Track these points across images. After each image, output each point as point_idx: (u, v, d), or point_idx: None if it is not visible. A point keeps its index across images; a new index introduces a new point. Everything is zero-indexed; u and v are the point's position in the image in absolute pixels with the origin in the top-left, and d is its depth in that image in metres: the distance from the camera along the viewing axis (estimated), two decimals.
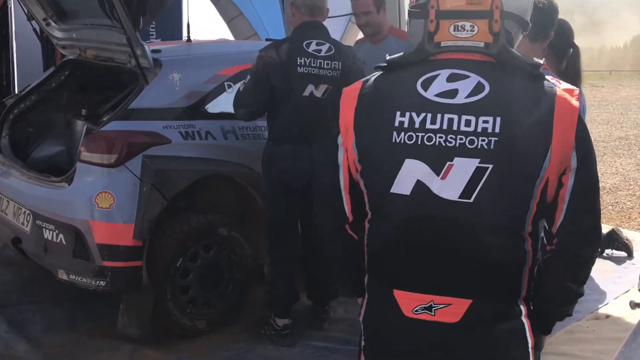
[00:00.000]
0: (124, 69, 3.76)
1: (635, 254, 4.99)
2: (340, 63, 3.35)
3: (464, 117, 1.37)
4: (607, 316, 3.97)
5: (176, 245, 3.39)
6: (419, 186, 1.39)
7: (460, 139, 1.36)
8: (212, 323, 3.60)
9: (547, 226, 1.45)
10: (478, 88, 1.39)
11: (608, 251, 5.01)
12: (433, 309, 1.41)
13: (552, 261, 1.45)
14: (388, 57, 1.49)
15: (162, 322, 3.45)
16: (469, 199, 1.36)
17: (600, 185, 5.48)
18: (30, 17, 4.08)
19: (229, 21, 7.89)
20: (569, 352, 3.50)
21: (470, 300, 1.40)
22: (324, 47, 3.34)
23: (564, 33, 3.12)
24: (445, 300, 1.40)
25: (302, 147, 3.33)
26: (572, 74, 3.05)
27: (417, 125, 1.39)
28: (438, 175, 1.38)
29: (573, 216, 1.41)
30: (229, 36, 7.80)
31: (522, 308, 1.44)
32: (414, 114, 1.40)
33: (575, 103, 1.38)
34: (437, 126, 1.38)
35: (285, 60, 3.26)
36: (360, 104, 1.48)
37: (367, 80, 1.51)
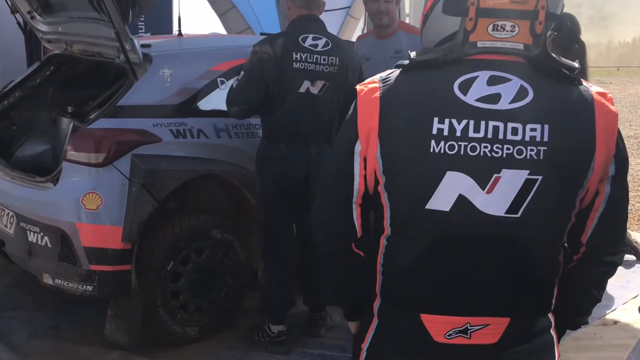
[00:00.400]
0: (112, 64, 3.76)
1: None
2: (337, 58, 3.35)
3: (510, 125, 1.31)
4: (615, 322, 3.98)
5: (167, 248, 3.38)
6: (461, 201, 1.32)
7: (508, 148, 1.31)
8: (204, 330, 3.60)
9: (574, 235, 1.44)
10: (522, 92, 1.34)
11: None
12: (469, 331, 1.37)
13: (579, 270, 1.46)
14: (412, 55, 1.41)
15: (151, 328, 3.45)
16: (516, 214, 1.32)
17: None
18: (14, 10, 4.07)
19: (222, 15, 7.91)
20: (575, 359, 3.51)
21: (509, 319, 1.37)
22: (321, 42, 3.34)
23: (570, 29, 3.14)
24: (483, 321, 1.37)
25: (297, 146, 3.33)
26: (578, 72, 3.06)
27: (458, 134, 1.32)
28: (483, 189, 1.32)
29: (606, 225, 1.41)
30: (221, 30, 7.81)
31: (552, 320, 1.45)
32: (454, 121, 1.32)
33: (613, 108, 1.37)
34: (481, 135, 1.31)
35: (281, 56, 3.25)
36: (385, 108, 1.37)
37: (385, 79, 1.41)
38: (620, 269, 4.74)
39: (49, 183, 3.37)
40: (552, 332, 1.46)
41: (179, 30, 4.17)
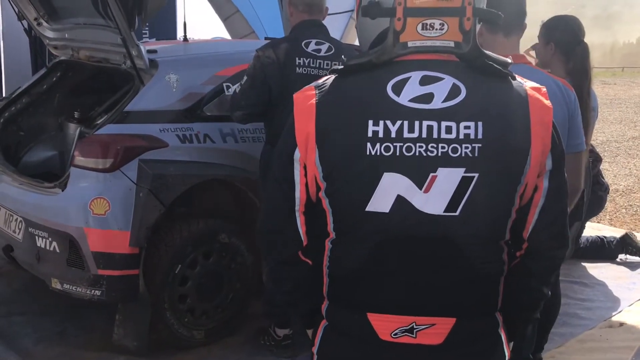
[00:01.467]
0: (118, 70, 3.80)
1: None
2: (340, 64, 3.38)
3: (443, 124, 1.32)
4: (621, 324, 4.00)
5: (175, 251, 3.42)
6: (400, 202, 1.33)
7: (443, 147, 1.31)
8: (211, 334, 3.63)
9: (516, 231, 1.43)
10: (454, 91, 1.34)
11: (622, 256, 5.05)
12: (415, 330, 1.38)
13: (523, 266, 1.46)
14: (345, 59, 1.43)
15: (159, 332, 3.49)
16: (455, 212, 1.32)
17: (614, 187, 5.59)
18: (20, 16, 4.11)
19: (225, 19, 7.95)
20: None
21: (455, 319, 1.38)
22: (324, 47, 3.36)
23: (572, 30, 3.16)
24: (429, 320, 1.37)
25: None
26: (580, 73, 3.08)
27: (393, 135, 1.32)
28: (421, 189, 1.32)
29: (546, 219, 1.40)
30: (225, 34, 7.85)
31: (499, 319, 1.45)
32: (388, 122, 1.33)
33: (547, 102, 1.37)
34: (415, 135, 1.32)
35: (284, 61, 3.27)
36: (321, 113, 1.37)
37: (321, 86, 1.42)
38: (625, 270, 4.79)
39: (57, 189, 3.41)
40: (500, 331, 1.45)
41: (185, 36, 4.21)
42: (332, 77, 1.43)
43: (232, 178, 3.66)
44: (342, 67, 1.41)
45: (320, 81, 1.44)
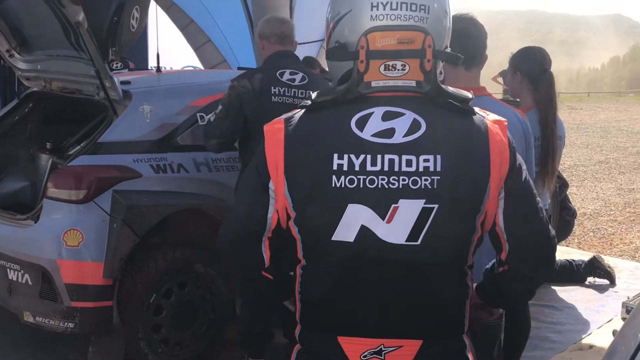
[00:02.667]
0: (91, 101, 3.83)
1: (617, 281, 5.15)
2: (308, 99, 3.45)
3: (404, 157, 1.39)
4: (591, 346, 4.08)
5: (150, 280, 3.43)
6: (364, 232, 1.39)
7: (403, 179, 1.38)
8: None
9: (496, 253, 1.52)
10: (415, 126, 1.41)
11: (590, 279, 5.17)
12: (383, 352, 1.43)
13: (505, 283, 1.54)
14: (313, 95, 1.50)
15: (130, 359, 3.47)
16: (416, 241, 1.39)
17: (581, 211, 5.73)
18: None
19: (197, 48, 8.04)
20: None
21: (421, 341, 1.43)
22: (298, 77, 3.44)
23: (538, 61, 3.30)
24: (396, 342, 1.43)
25: None
26: (546, 101, 3.21)
27: (357, 168, 1.39)
28: (383, 219, 1.39)
29: (517, 243, 1.47)
30: (197, 64, 7.92)
31: (466, 341, 1.50)
32: (352, 156, 1.40)
33: (507, 135, 1.45)
34: (378, 168, 1.39)
35: (259, 90, 3.34)
36: (288, 146, 1.44)
37: (290, 119, 1.49)
38: (594, 293, 4.89)
39: (29, 220, 3.41)
40: (468, 353, 1.50)
41: (158, 66, 4.25)
42: (301, 111, 1.50)
43: (206, 207, 3.69)
44: (310, 102, 1.48)
45: (290, 114, 1.51)
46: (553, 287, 5.03)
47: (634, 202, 8.74)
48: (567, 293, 4.95)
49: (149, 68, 6.13)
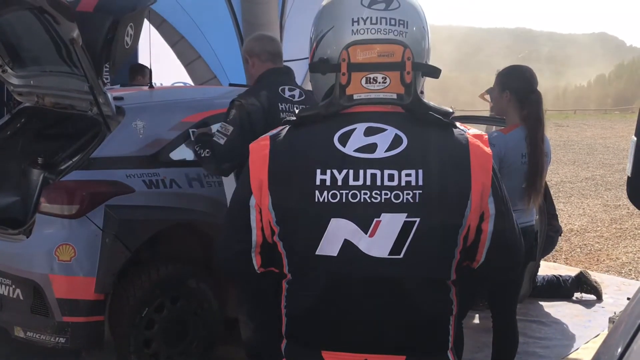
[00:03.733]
0: (84, 116, 3.86)
1: (604, 296, 5.21)
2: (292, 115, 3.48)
3: (386, 172, 1.42)
4: None
5: (143, 293, 3.45)
6: (347, 246, 1.41)
7: (386, 194, 1.41)
8: None
9: (469, 261, 1.54)
10: (396, 141, 1.44)
11: (577, 295, 5.23)
12: None
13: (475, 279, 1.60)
14: (297, 111, 1.53)
15: None
16: (399, 254, 1.41)
17: (568, 227, 5.80)
18: None
19: (187, 64, 8.08)
20: None
21: (404, 357, 1.45)
22: (296, 93, 3.46)
23: (526, 80, 3.37)
24: (379, 358, 1.45)
25: None
26: (534, 120, 3.27)
27: (340, 183, 1.42)
28: (366, 233, 1.41)
29: (493, 258, 1.52)
30: (187, 80, 7.97)
31: (451, 358, 1.51)
32: (335, 171, 1.42)
33: (488, 149, 1.48)
34: (360, 182, 1.41)
35: (268, 107, 3.31)
36: (273, 162, 1.47)
37: (276, 136, 1.52)
38: (581, 308, 4.94)
39: (21, 235, 3.42)
40: None
41: (150, 82, 4.30)
42: (286, 127, 1.53)
43: (198, 223, 3.73)
44: (295, 118, 1.52)
45: (275, 131, 1.55)
46: (540, 303, 5.09)
47: (620, 219, 8.86)
48: (555, 308, 5.01)
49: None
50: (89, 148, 3.62)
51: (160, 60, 7.85)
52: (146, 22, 4.06)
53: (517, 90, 3.31)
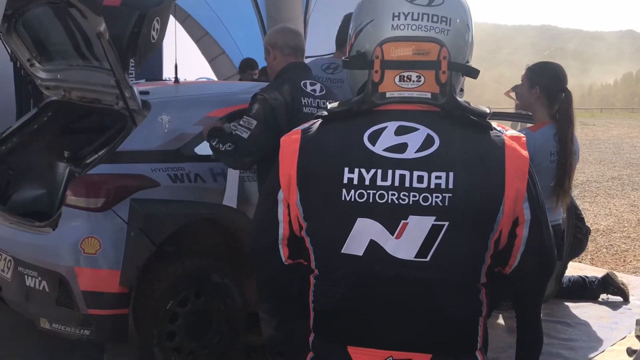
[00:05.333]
0: (109, 110, 3.90)
1: (631, 298, 5.13)
2: (332, 102, 3.48)
3: (415, 173, 1.39)
4: None
5: (168, 287, 3.47)
6: (373, 246, 1.40)
7: (414, 196, 1.38)
8: None
9: (500, 267, 1.51)
10: (428, 141, 1.41)
11: (603, 296, 5.15)
12: None
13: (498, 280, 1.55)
14: (329, 106, 1.51)
15: None
16: (426, 257, 1.38)
17: (594, 227, 5.73)
18: (13, 57, 4.21)
19: (211, 60, 8.11)
20: None
21: (430, 355, 1.43)
22: (317, 87, 3.46)
23: (557, 77, 3.32)
24: (405, 355, 1.43)
25: None
26: (565, 119, 3.23)
27: (367, 182, 1.39)
28: (392, 235, 1.39)
29: (527, 263, 1.48)
30: (211, 75, 8.00)
31: (479, 358, 1.49)
32: (363, 170, 1.40)
33: (525, 152, 1.43)
34: (388, 183, 1.39)
35: (291, 102, 3.30)
36: (302, 158, 1.46)
37: (307, 130, 1.50)
38: (607, 310, 4.87)
39: (47, 228, 3.46)
40: None
41: (176, 77, 4.32)
42: (318, 122, 1.51)
43: (222, 218, 3.73)
44: (326, 113, 1.50)
45: (307, 125, 1.53)
46: (566, 303, 5.03)
47: None
48: (580, 309, 4.95)
49: (164, 79, 6.20)
50: (114, 142, 3.65)
51: (184, 55, 7.91)
52: (171, 18, 4.08)
53: (548, 87, 3.28)
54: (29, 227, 3.58)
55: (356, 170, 1.40)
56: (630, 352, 3.91)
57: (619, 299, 5.11)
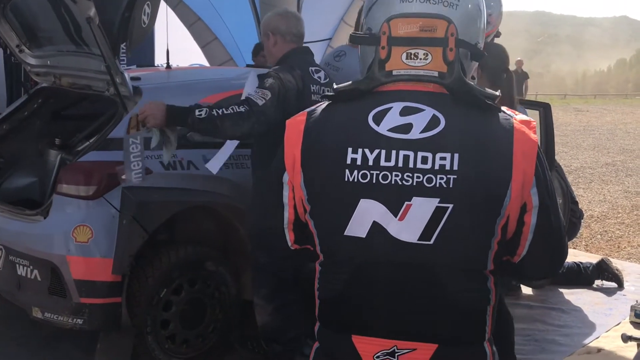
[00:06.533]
0: (100, 96, 3.85)
1: (625, 284, 5.15)
2: (330, 90, 3.45)
3: (420, 154, 1.36)
4: (599, 350, 4.08)
5: (162, 274, 3.45)
6: (376, 228, 1.38)
7: (418, 177, 1.35)
8: None
9: (509, 255, 1.47)
10: (433, 122, 1.38)
11: (598, 282, 5.17)
12: (396, 354, 1.40)
13: (506, 268, 1.50)
14: (335, 86, 1.49)
15: (138, 357, 3.49)
16: (429, 240, 1.36)
17: (589, 213, 5.73)
18: (2, 43, 4.15)
19: (204, 46, 8.04)
20: None
21: (437, 345, 1.39)
22: (322, 74, 3.42)
23: (499, 57, 3.27)
24: (410, 345, 1.40)
25: None
26: (506, 100, 3.19)
27: (370, 163, 1.37)
28: (395, 216, 1.36)
29: (537, 253, 1.44)
30: (203, 62, 7.93)
31: (487, 350, 1.45)
32: (366, 150, 1.38)
33: (534, 136, 1.40)
34: (392, 164, 1.37)
35: (302, 88, 3.24)
36: (307, 139, 1.45)
37: (312, 112, 1.50)
38: (602, 296, 4.88)
39: (38, 216, 3.42)
40: None
41: (167, 63, 4.27)
42: (324, 104, 1.50)
43: (215, 205, 3.71)
44: (332, 93, 1.48)
45: (313, 107, 1.52)
46: (560, 290, 5.04)
47: None
48: (575, 296, 4.96)
49: (156, 65, 6.15)
50: (106, 129, 3.60)
51: (176, 41, 7.83)
52: (163, 3, 4.03)
53: (491, 68, 3.20)
54: (20, 216, 3.55)
55: (360, 150, 1.38)
56: (625, 338, 3.92)
57: (613, 285, 5.13)
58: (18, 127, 4.23)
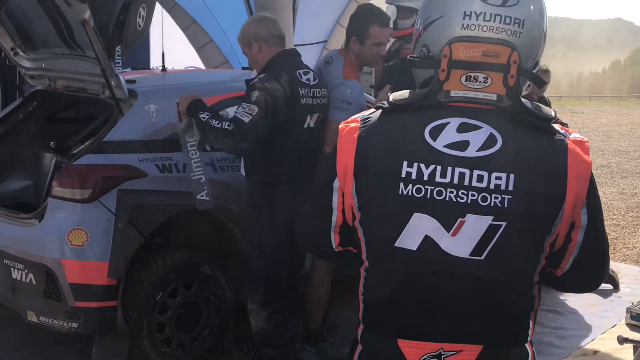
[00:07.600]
0: (95, 99, 3.84)
1: (621, 286, 5.16)
2: (324, 90, 3.46)
3: (476, 172, 1.37)
4: (595, 352, 4.08)
5: (157, 278, 3.44)
6: (427, 242, 1.40)
7: (472, 195, 1.37)
8: None
9: (552, 268, 1.49)
10: (490, 141, 1.39)
11: None
12: (442, 356, 1.43)
13: (549, 280, 1.53)
14: (391, 97, 1.48)
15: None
16: (480, 256, 1.38)
17: None
18: None
19: (199, 49, 8.03)
20: None
21: (481, 346, 1.43)
22: (311, 76, 3.42)
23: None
24: (456, 347, 1.43)
25: (305, 185, 3.06)
26: None
27: (425, 178, 1.39)
28: (448, 232, 1.38)
29: (579, 268, 1.47)
30: (199, 64, 7.92)
31: (529, 351, 1.48)
32: (422, 165, 1.39)
33: (588, 158, 1.41)
34: (447, 180, 1.38)
35: (290, 93, 3.25)
36: (360, 148, 1.45)
37: (366, 120, 1.49)
38: (598, 298, 4.88)
39: (33, 219, 3.41)
40: None
41: (163, 66, 4.27)
42: (378, 112, 1.49)
43: (211, 208, 3.69)
44: (388, 105, 1.47)
45: (367, 114, 1.51)
46: (556, 292, 5.05)
47: (637, 207, 8.77)
48: (571, 298, 4.97)
49: (152, 68, 6.14)
50: (101, 132, 3.59)
51: (172, 44, 7.82)
52: (158, 6, 4.02)
53: None
54: (15, 219, 3.53)
55: (415, 165, 1.39)
56: (621, 340, 3.92)
57: (609, 287, 5.14)
58: (13, 130, 4.22)
